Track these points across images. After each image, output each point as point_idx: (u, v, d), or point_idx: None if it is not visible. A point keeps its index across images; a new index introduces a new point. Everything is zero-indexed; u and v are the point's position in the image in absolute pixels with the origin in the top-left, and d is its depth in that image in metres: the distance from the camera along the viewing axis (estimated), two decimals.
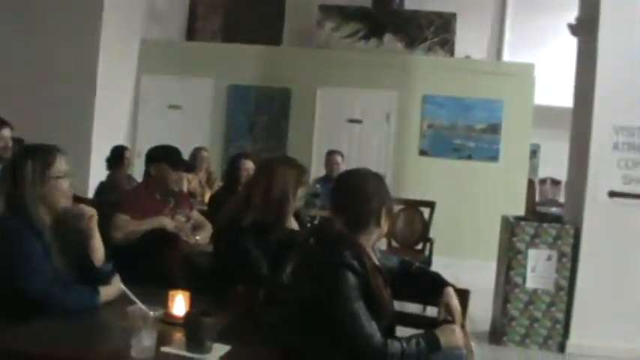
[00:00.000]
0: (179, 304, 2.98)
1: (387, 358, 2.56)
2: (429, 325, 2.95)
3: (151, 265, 4.11)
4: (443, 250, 8.36)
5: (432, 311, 3.11)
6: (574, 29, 7.17)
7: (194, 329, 2.59)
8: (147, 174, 5.00)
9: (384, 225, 2.90)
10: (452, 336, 2.76)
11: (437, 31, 12.18)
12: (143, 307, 2.73)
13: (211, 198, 6.78)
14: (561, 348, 6.34)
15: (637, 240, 6.31)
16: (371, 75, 11.08)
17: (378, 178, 2.96)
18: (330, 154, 9.17)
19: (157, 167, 4.92)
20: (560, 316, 6.35)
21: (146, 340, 2.48)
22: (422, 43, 12.08)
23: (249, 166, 6.27)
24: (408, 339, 2.67)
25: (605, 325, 6.28)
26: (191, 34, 12.35)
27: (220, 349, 2.62)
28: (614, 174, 6.34)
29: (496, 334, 6.51)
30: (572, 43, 7.29)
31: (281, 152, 10.63)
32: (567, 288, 6.35)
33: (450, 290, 3.03)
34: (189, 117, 11.22)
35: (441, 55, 12.00)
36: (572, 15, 7.21)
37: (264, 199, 3.79)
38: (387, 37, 12.05)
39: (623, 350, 6.20)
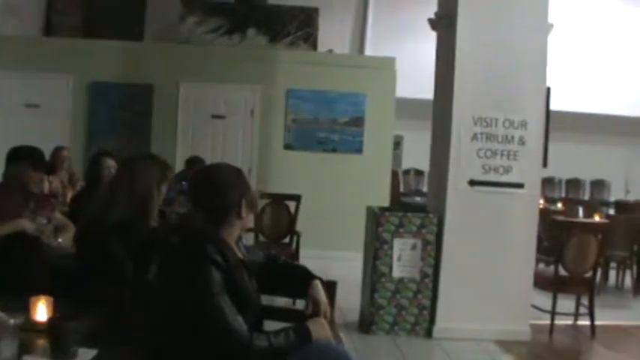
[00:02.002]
0: (41, 309, 2.86)
1: (254, 351, 2.55)
2: (298, 318, 2.95)
3: (10, 269, 3.94)
4: (310, 243, 8.42)
5: (301, 305, 3.11)
6: (433, 24, 7.37)
7: (58, 335, 2.50)
8: (6, 175, 4.80)
9: (247, 217, 2.86)
10: (321, 329, 2.78)
11: (300, 26, 12.25)
12: (1, 314, 2.60)
13: (73, 198, 6.54)
14: (429, 333, 6.53)
15: (497, 226, 6.58)
16: (234, 70, 11.04)
17: (236, 170, 2.92)
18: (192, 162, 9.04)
19: (17, 168, 4.72)
20: (427, 302, 6.54)
21: (6, 350, 2.36)
22: (285, 38, 12.13)
23: (110, 164, 6.09)
24: (277, 332, 2.67)
25: (468, 308, 6.53)
26: (49, 29, 11.89)
27: (87, 353, 2.54)
28: (473, 163, 6.58)
29: (365, 324, 6.63)
30: (431, 36, 7.49)
31: (144, 149, 10.41)
32: (432, 275, 6.54)
33: (317, 283, 3.04)
34: (48, 116, 10.78)
35: (304, 50, 12.08)
36: (432, 10, 7.40)
37: (127, 197, 3.70)
38: (250, 32, 12.02)
39: (486, 331, 6.46)
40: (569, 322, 7.37)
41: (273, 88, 11.14)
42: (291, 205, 8.50)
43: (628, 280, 9.86)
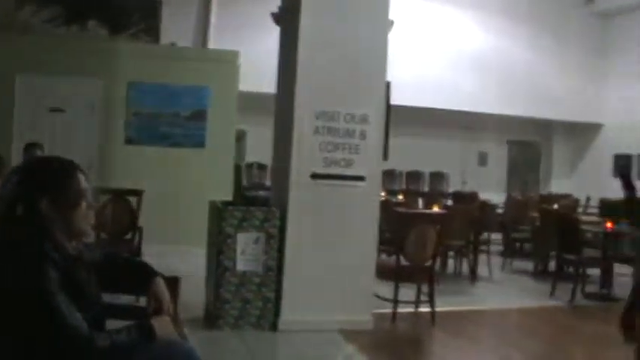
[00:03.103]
0: None
1: (94, 350, 2.46)
2: (141, 316, 2.88)
3: None
4: (153, 239, 8.26)
5: (145, 302, 3.04)
6: (277, 18, 7.38)
7: None
8: None
9: (79, 212, 2.73)
10: (165, 326, 2.72)
11: (142, 18, 12.00)
12: None
13: None
14: (274, 326, 6.54)
15: (339, 219, 6.67)
16: (74, 62, 10.66)
17: (66, 165, 2.78)
18: (29, 147, 8.62)
19: None
20: (271, 295, 6.54)
21: None
22: (127, 30, 11.84)
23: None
24: (118, 330, 2.59)
25: (313, 300, 6.59)
26: None
27: None
28: (315, 157, 6.64)
29: (210, 319, 6.56)
30: (275, 30, 7.50)
31: None
32: (276, 268, 6.55)
33: (159, 280, 2.97)
34: None
35: (146, 42, 11.84)
36: (275, 4, 7.41)
37: None
38: (91, 23, 11.67)
39: (330, 322, 6.54)
40: (411, 309, 7.59)
41: (114, 81, 10.86)
42: (134, 200, 8.30)
43: (465, 268, 10.29)
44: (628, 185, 2.21)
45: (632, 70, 15.95)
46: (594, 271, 9.38)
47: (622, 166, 3.09)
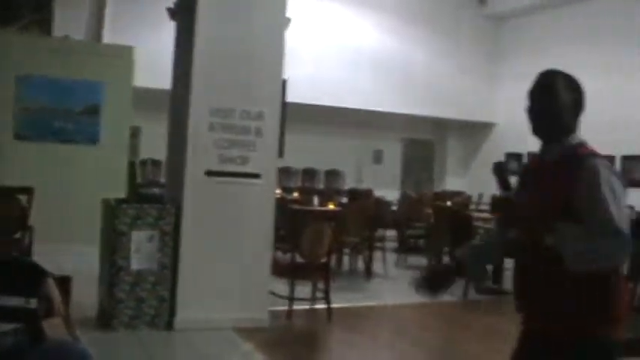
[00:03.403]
0: None
1: None
2: (32, 318, 2.80)
3: None
4: (45, 237, 8.03)
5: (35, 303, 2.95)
6: (172, 13, 7.30)
7: None
8: None
9: None
10: (57, 327, 2.67)
11: (34, 10, 11.65)
12: None
13: None
14: (169, 325, 6.47)
15: (234, 216, 6.65)
16: None
17: None
18: None
19: None
20: (166, 294, 6.47)
21: None
22: (17, 22, 11.47)
23: None
24: (5, 333, 2.52)
25: (208, 298, 6.55)
26: None
27: None
28: (210, 154, 6.60)
29: (104, 319, 6.43)
30: (171, 26, 7.41)
31: None
32: (171, 266, 6.48)
33: (49, 280, 2.91)
34: None
35: (37, 35, 11.50)
36: None
37: None
38: None
39: (226, 320, 6.52)
40: (307, 307, 7.64)
41: (1, 75, 10.48)
42: (24, 198, 8.06)
43: (360, 265, 10.42)
44: (503, 184, 2.21)
45: (524, 72, 16.47)
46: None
47: (497, 164, 3.08)
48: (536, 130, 2.76)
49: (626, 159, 14.90)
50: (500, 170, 2.85)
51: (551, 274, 2.63)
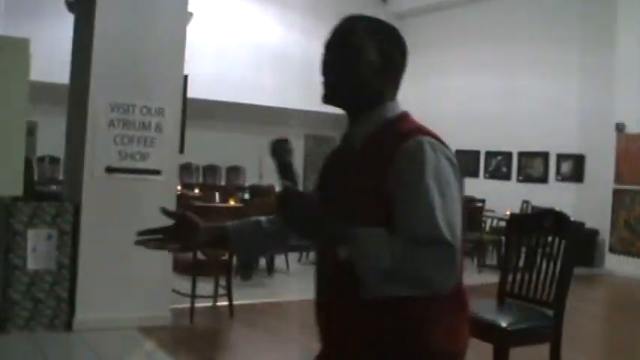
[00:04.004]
0: None
1: None
2: None
3: None
4: None
5: None
6: (71, 6, 7.14)
7: None
8: None
9: None
10: None
11: None
12: None
13: None
14: (69, 326, 6.32)
15: (135, 213, 6.54)
16: None
17: None
18: None
19: None
20: (65, 294, 6.32)
21: None
22: None
23: None
24: None
25: (109, 297, 6.44)
26: None
27: None
28: (110, 150, 6.48)
29: None
30: (70, 18, 7.24)
31: None
32: (70, 265, 6.34)
33: None
34: None
35: None
36: None
37: None
38: None
39: (128, 319, 6.42)
40: (209, 304, 7.61)
41: None
42: None
43: (262, 260, 10.42)
44: (283, 170, 1.61)
45: (425, 70, 16.78)
46: None
47: (275, 142, 2.55)
48: (330, 96, 2.00)
49: (522, 155, 15.44)
50: (280, 152, 1.99)
51: (344, 298, 1.94)
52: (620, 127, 12.80)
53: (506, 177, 15.83)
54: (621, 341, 7.83)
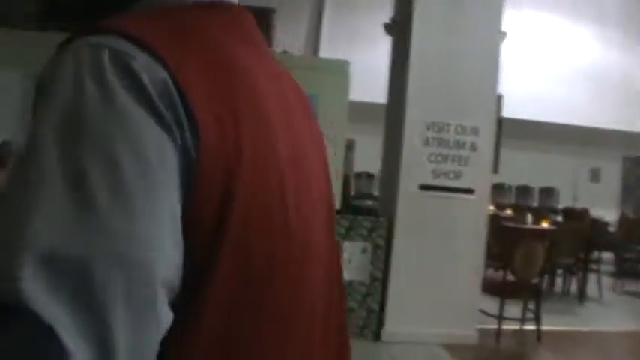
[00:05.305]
0: None
1: None
2: None
3: None
4: None
5: None
6: (389, 29, 7.41)
7: None
8: None
9: None
10: None
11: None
12: None
13: None
14: (377, 336, 6.55)
15: (446, 231, 6.62)
16: None
17: None
18: None
19: None
20: (375, 306, 6.55)
21: None
22: None
23: None
24: None
25: (417, 312, 6.56)
26: None
27: None
28: (424, 168, 6.62)
29: None
30: (386, 41, 7.52)
31: None
32: (382, 279, 6.55)
33: None
34: None
35: None
36: (387, 14, 7.44)
37: None
38: None
39: (434, 335, 6.50)
40: (516, 326, 7.46)
41: None
42: None
43: (574, 287, 10.03)
44: None
45: None
46: None
47: None
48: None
49: None
50: None
51: None
52: None
53: None
54: None
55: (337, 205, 7.22)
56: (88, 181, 0.63)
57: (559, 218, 13.04)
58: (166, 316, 0.67)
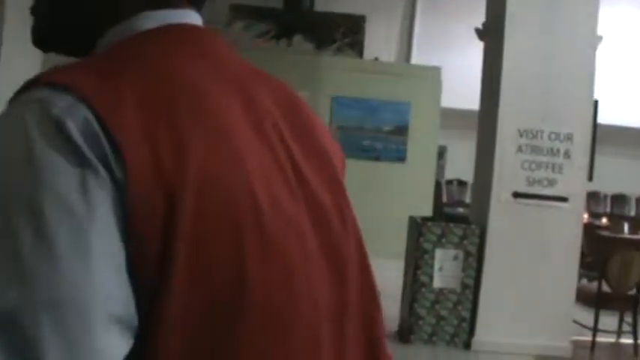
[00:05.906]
0: None
1: None
2: None
3: None
4: None
5: None
6: (481, 34, 7.34)
7: None
8: None
9: None
10: None
11: (346, 33, 12.28)
12: None
13: None
14: (467, 345, 6.48)
15: (539, 240, 6.51)
16: (279, 76, 10.96)
17: None
18: None
19: None
20: (466, 314, 6.49)
21: None
22: (331, 45, 12.16)
23: None
24: None
25: (508, 322, 6.46)
26: None
27: None
28: (518, 175, 6.52)
29: (404, 333, 6.60)
30: (478, 47, 7.45)
31: None
32: (473, 287, 6.49)
33: None
34: None
35: (350, 57, 12.09)
36: (478, 20, 7.38)
37: None
38: (297, 38, 12.08)
39: (525, 346, 6.39)
40: (612, 339, 7.27)
41: (318, 95, 11.15)
42: None
43: None
44: None
45: None
46: None
47: None
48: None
49: None
50: None
51: None
52: None
53: None
54: None
55: (429, 211, 7.20)
56: (14, 230, 0.66)
57: None
58: (118, 349, 0.68)
